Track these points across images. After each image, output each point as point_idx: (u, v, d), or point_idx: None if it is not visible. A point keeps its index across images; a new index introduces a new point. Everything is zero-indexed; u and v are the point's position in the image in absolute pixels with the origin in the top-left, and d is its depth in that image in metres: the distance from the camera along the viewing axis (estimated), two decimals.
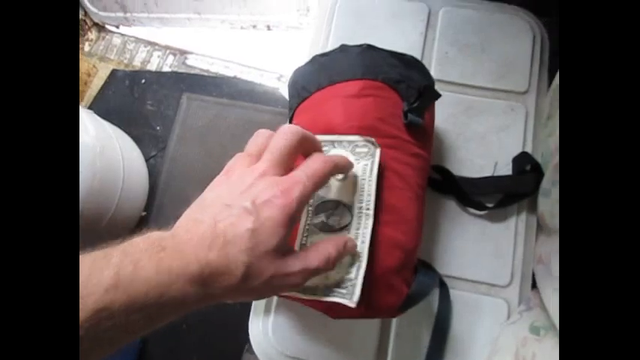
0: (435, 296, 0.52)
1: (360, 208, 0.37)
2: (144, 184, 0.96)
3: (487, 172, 0.56)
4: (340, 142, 0.40)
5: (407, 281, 0.41)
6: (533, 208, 0.55)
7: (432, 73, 0.60)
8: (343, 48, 0.45)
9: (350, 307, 0.35)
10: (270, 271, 0.28)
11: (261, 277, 0.28)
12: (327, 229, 0.38)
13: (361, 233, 0.37)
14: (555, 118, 0.52)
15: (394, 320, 0.52)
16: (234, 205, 0.28)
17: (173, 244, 0.27)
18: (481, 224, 0.55)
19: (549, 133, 0.54)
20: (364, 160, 0.39)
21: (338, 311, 0.40)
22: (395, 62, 0.43)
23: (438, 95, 0.45)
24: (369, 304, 0.38)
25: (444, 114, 0.58)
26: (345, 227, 0.38)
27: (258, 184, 0.29)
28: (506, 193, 0.54)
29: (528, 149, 0.57)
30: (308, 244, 0.38)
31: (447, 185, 0.55)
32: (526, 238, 0.55)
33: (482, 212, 0.55)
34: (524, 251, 0.54)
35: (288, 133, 0.31)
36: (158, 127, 1.06)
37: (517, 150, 0.57)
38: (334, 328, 0.53)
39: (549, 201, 0.51)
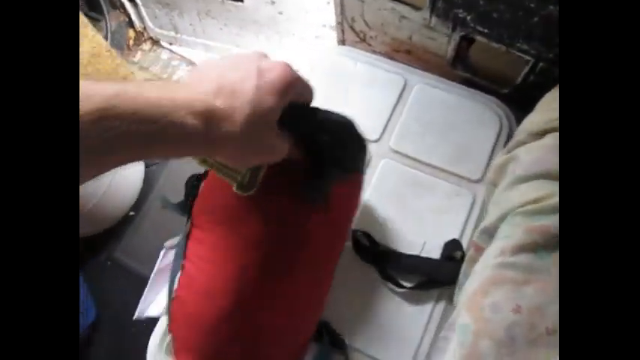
0: None
1: None
2: (136, 185, 1.03)
3: (412, 249, 0.55)
4: None
5: None
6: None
7: (391, 143, 0.61)
8: None
9: None
10: (268, 135, 0.32)
11: (261, 138, 0.31)
12: None
13: None
14: (489, 213, 0.51)
15: None
16: (241, 67, 0.31)
17: (180, 85, 0.29)
18: (398, 302, 0.53)
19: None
20: None
21: None
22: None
23: None
24: None
25: (390, 184, 0.59)
26: None
27: (262, 58, 0.33)
28: (428, 277, 0.53)
29: (466, 238, 0.56)
30: None
31: (370, 253, 0.54)
32: (439, 327, 0.52)
33: (399, 290, 0.53)
34: (433, 341, 0.52)
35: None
36: None
37: (453, 235, 0.56)
38: None
39: (460, 294, 0.49)
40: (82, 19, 1.05)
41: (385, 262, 0.52)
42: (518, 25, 0.57)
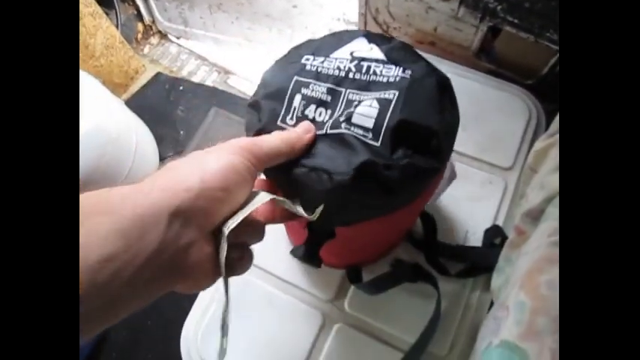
0: None
1: None
2: None
3: (450, 237, 0.56)
4: None
5: None
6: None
7: None
8: None
9: None
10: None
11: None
12: None
13: None
14: (531, 197, 0.52)
15: (326, 346, 0.52)
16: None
17: None
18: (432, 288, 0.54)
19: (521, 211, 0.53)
20: None
21: None
22: None
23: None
24: None
25: None
26: None
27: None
28: (472, 264, 0.54)
29: (499, 224, 0.56)
30: None
31: (422, 240, 0.55)
32: (476, 312, 0.53)
33: (440, 276, 0.54)
34: (471, 325, 0.52)
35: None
36: (182, 132, 1.13)
37: (487, 222, 0.56)
38: (262, 349, 0.53)
39: (501, 278, 0.50)
40: (98, 10, 1.04)
41: (434, 249, 0.53)
42: (551, 14, 0.57)
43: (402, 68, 0.34)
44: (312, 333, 0.53)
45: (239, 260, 0.29)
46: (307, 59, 0.36)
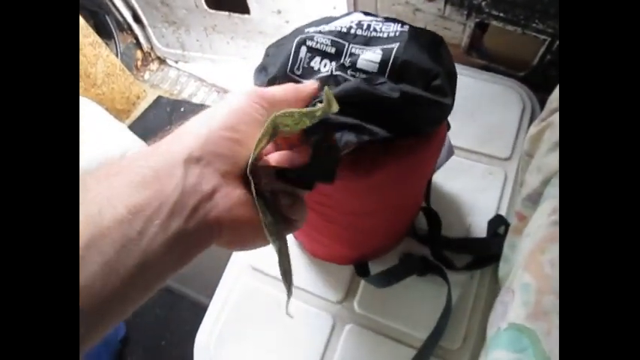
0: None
1: None
2: None
3: (454, 231, 0.56)
4: None
5: None
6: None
7: None
8: None
9: None
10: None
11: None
12: None
13: None
14: (529, 182, 0.52)
15: (338, 348, 0.52)
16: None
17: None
18: (441, 282, 0.54)
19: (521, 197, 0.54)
20: None
21: None
22: None
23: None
24: None
25: None
26: None
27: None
28: (478, 256, 0.54)
29: (502, 214, 0.57)
30: None
31: (426, 235, 0.55)
32: (486, 304, 0.53)
33: (448, 270, 0.54)
34: (482, 317, 0.52)
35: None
36: None
37: (490, 213, 0.56)
38: (275, 355, 0.53)
39: (508, 265, 0.49)
40: (97, 40, 1.08)
41: (439, 243, 0.53)
42: (534, 5, 0.59)
43: (400, 24, 0.36)
44: (324, 336, 0.53)
45: (290, 207, 0.28)
46: (309, 29, 0.38)
